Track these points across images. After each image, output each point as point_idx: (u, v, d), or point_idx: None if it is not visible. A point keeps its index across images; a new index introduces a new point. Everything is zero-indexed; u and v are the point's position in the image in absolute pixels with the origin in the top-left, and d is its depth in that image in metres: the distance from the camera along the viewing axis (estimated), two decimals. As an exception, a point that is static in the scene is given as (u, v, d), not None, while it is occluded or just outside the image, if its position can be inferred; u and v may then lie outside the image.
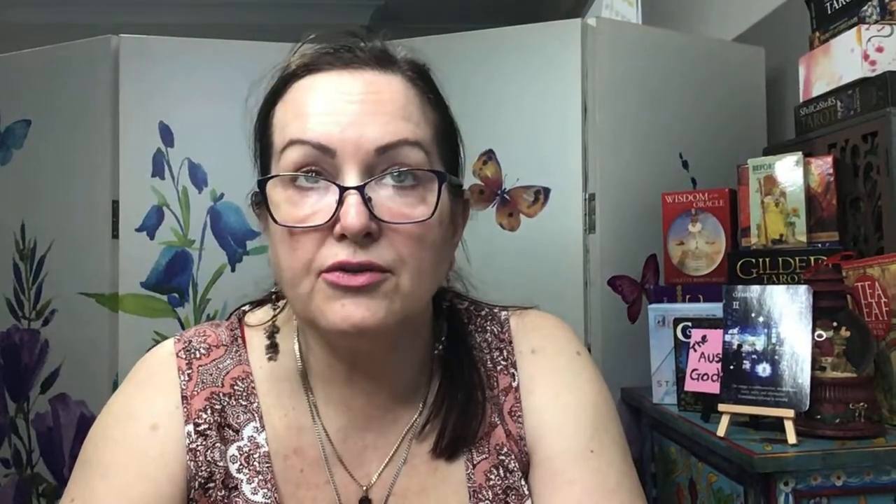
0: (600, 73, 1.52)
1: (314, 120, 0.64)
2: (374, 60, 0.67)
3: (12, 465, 1.64)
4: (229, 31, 2.20)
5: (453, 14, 4.19)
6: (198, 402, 0.71)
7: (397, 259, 0.63)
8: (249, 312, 0.79)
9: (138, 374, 0.75)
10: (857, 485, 0.90)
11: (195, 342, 0.74)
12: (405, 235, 0.64)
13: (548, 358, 0.77)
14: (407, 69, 0.69)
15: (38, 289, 1.62)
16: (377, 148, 0.63)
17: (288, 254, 0.65)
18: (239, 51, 1.63)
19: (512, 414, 0.75)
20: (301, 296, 0.65)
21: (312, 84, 0.66)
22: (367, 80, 0.66)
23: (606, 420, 0.75)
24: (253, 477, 0.69)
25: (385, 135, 0.63)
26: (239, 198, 1.60)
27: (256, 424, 0.71)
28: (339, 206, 0.62)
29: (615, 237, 1.51)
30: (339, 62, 0.67)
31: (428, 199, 0.65)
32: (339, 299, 0.62)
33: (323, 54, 0.68)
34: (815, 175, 1.23)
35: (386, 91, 0.66)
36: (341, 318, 0.62)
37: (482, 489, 0.71)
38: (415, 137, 0.65)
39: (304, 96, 0.66)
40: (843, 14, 1.31)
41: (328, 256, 0.63)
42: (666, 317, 1.24)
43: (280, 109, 0.68)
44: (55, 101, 1.62)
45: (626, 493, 0.71)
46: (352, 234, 0.61)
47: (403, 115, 0.65)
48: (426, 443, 0.73)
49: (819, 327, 0.96)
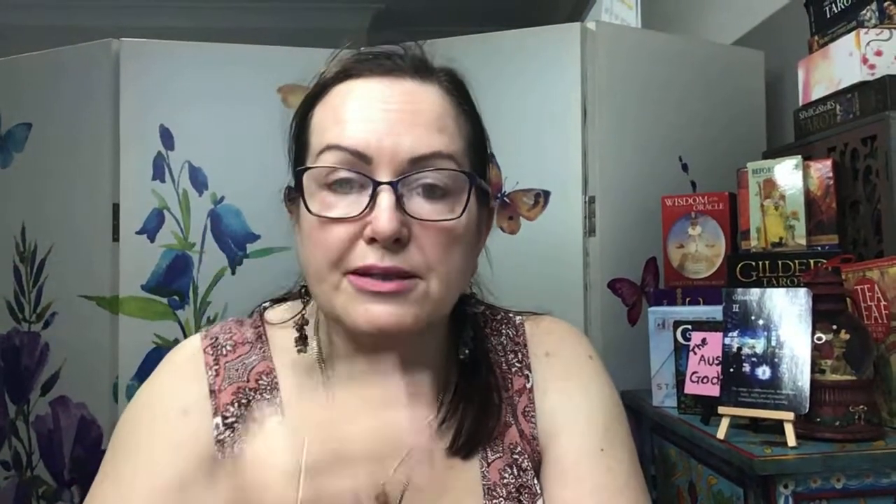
0: (600, 76, 1.52)
1: (352, 126, 0.65)
2: (413, 69, 0.69)
3: (12, 468, 1.64)
4: (230, 34, 2.20)
5: (453, 17, 4.20)
6: (225, 396, 0.72)
7: (425, 264, 0.65)
8: (270, 309, 0.80)
9: (167, 366, 0.76)
10: (856, 487, 0.90)
11: (221, 339, 0.76)
12: (434, 240, 0.66)
13: (561, 361, 0.79)
14: (444, 79, 0.70)
15: (38, 291, 1.62)
16: (412, 158, 0.65)
17: (316, 249, 0.66)
18: (239, 54, 1.63)
19: (525, 414, 0.76)
20: (326, 291, 0.67)
21: (352, 89, 0.68)
22: (406, 88, 0.67)
23: (616, 421, 0.77)
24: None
25: (420, 146, 0.65)
26: (239, 201, 1.61)
27: (280, 418, 0.72)
28: (372, 202, 0.64)
29: (615, 240, 1.52)
30: (379, 69, 0.68)
31: (456, 208, 0.67)
32: (364, 303, 0.65)
33: (363, 60, 0.69)
34: (815, 178, 1.23)
35: (423, 101, 0.67)
36: (365, 321, 0.65)
37: (496, 487, 0.73)
38: (448, 150, 0.67)
39: (342, 101, 0.68)
40: (842, 18, 1.31)
41: (356, 258, 0.64)
42: (666, 320, 1.24)
43: (319, 112, 0.70)
44: (56, 104, 1.62)
45: (633, 491, 0.74)
46: (382, 239, 0.63)
47: (438, 126, 0.67)
48: (443, 441, 0.73)
49: (819, 330, 0.96)
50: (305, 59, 1.65)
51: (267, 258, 1.59)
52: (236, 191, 1.60)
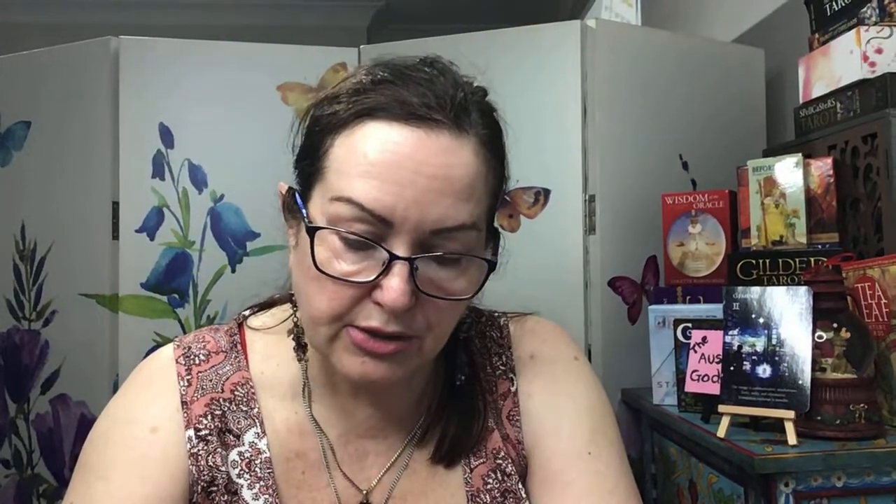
0: (600, 74, 1.52)
1: (379, 187, 0.60)
2: (453, 120, 0.63)
3: (13, 466, 1.64)
4: (230, 32, 2.20)
5: (454, 15, 4.20)
6: (198, 407, 0.70)
7: (427, 326, 0.64)
8: (252, 316, 0.78)
9: (137, 378, 0.74)
10: (857, 486, 0.90)
11: (194, 348, 0.74)
12: (439, 306, 0.64)
13: (546, 363, 0.78)
14: (480, 127, 0.65)
15: (38, 290, 1.62)
16: (434, 230, 0.62)
17: (317, 296, 0.63)
18: (239, 52, 1.63)
19: (510, 418, 0.75)
20: (321, 335, 0.65)
21: (384, 137, 0.61)
22: (442, 146, 0.62)
23: (604, 423, 0.76)
24: (254, 482, 0.69)
25: (447, 219, 0.62)
26: (239, 199, 1.61)
27: (257, 430, 0.71)
28: (385, 271, 0.61)
29: (615, 238, 1.51)
30: (415, 115, 0.62)
31: (469, 273, 0.65)
32: (361, 357, 0.63)
33: (401, 102, 0.62)
34: (815, 176, 1.23)
35: (458, 165, 0.62)
36: (358, 375, 0.64)
37: (480, 493, 0.72)
38: (472, 220, 0.63)
39: (372, 149, 0.61)
40: (843, 15, 1.31)
41: (361, 317, 0.62)
42: (666, 318, 1.24)
43: (342, 146, 0.63)
44: (55, 102, 1.62)
45: (622, 494, 0.72)
46: (392, 312, 0.61)
47: (468, 195, 0.63)
48: (426, 448, 0.73)
49: (819, 328, 0.96)
50: (306, 57, 1.66)
51: (267, 256, 1.59)
52: (236, 189, 1.60)
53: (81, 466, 0.71)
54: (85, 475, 0.70)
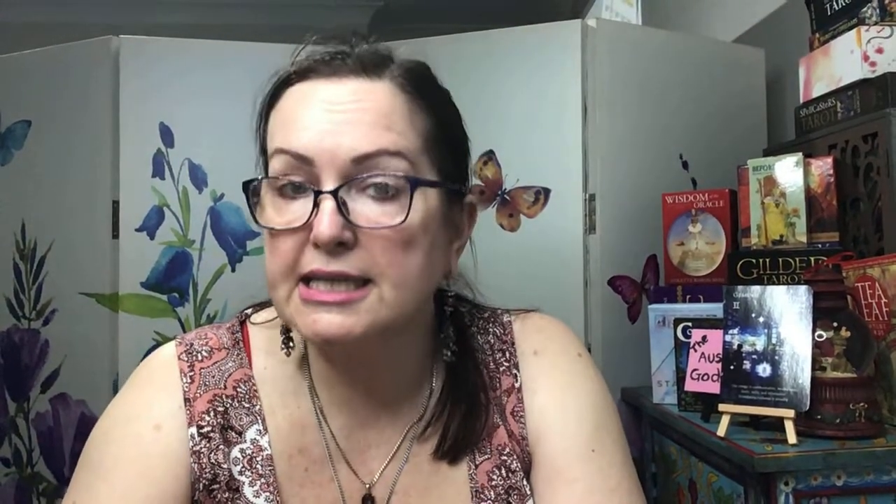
0: (600, 73, 1.52)
1: (297, 131, 0.64)
2: (362, 68, 0.66)
3: (13, 465, 1.64)
4: (229, 31, 2.19)
5: (453, 15, 4.19)
6: (200, 404, 0.71)
7: (374, 268, 0.63)
8: (254, 314, 0.79)
9: (139, 376, 0.75)
10: (857, 485, 0.90)
11: (197, 345, 0.74)
12: (384, 244, 0.63)
13: (549, 359, 0.77)
14: (398, 74, 0.67)
15: (38, 289, 1.62)
16: (353, 158, 0.63)
17: (269, 257, 0.66)
18: (239, 52, 1.63)
19: (514, 414, 0.75)
20: (280, 300, 0.66)
21: (301, 93, 0.67)
22: (352, 88, 0.65)
23: (607, 420, 0.76)
24: (255, 479, 0.69)
25: (362, 144, 0.63)
26: (239, 198, 1.59)
27: (259, 427, 0.71)
28: (316, 208, 0.62)
29: (615, 237, 1.51)
30: (328, 70, 0.66)
31: (412, 208, 0.64)
32: (312, 313, 0.63)
33: (315, 62, 0.68)
34: (816, 176, 1.23)
35: (369, 100, 0.65)
36: (312, 332, 0.63)
37: (484, 489, 0.72)
38: (395, 147, 0.64)
39: (292, 105, 0.67)
40: (843, 15, 1.31)
41: (304, 264, 0.63)
42: (666, 317, 1.24)
43: (273, 116, 0.69)
44: (56, 101, 1.62)
45: (626, 492, 0.72)
46: (323, 243, 0.61)
47: (385, 124, 0.64)
48: (428, 444, 0.73)
49: (819, 327, 0.96)
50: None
51: (267, 255, 1.59)
52: (236, 188, 1.58)
53: (83, 464, 0.71)
54: (87, 473, 0.70)
